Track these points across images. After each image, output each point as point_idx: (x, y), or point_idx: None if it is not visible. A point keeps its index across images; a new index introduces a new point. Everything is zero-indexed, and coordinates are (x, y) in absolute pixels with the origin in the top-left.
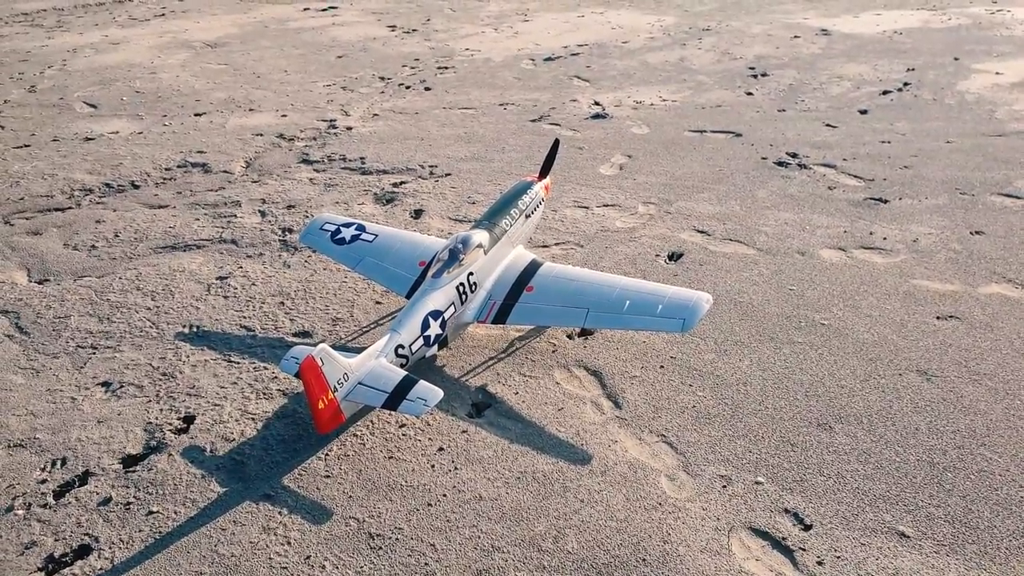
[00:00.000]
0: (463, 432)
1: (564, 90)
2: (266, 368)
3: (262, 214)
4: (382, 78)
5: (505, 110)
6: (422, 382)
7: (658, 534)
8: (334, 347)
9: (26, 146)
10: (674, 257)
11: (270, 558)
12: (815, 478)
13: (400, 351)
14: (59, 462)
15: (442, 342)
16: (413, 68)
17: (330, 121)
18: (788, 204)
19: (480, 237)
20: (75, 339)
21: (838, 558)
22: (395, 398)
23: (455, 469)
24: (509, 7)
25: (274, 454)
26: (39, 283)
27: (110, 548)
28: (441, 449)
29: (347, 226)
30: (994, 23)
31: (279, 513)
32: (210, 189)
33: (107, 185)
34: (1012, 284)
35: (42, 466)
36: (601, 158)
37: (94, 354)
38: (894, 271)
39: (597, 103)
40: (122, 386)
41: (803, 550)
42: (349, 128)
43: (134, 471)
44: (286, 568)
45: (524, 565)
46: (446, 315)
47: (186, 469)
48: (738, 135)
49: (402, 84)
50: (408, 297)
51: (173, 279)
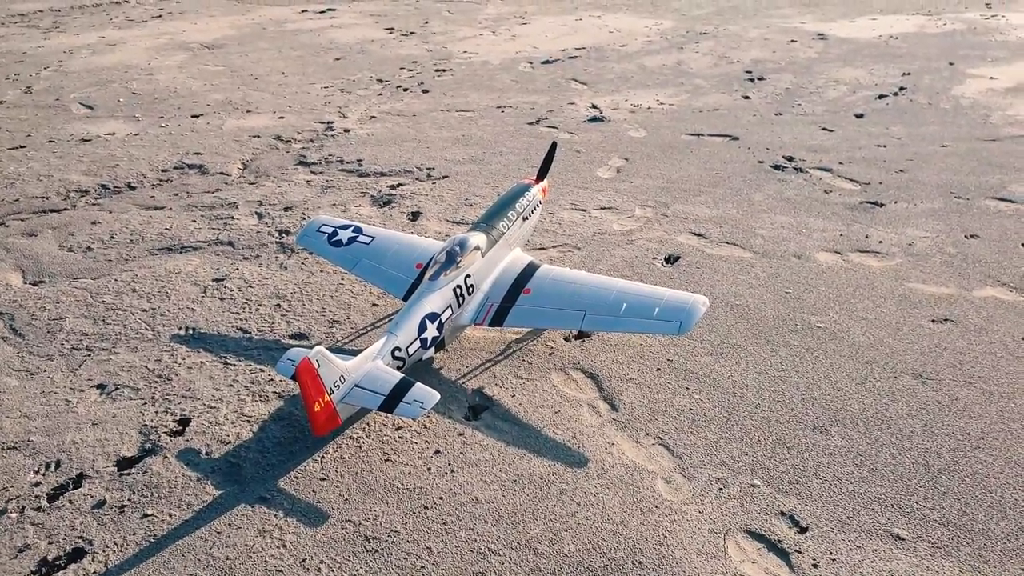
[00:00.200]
0: (460, 435)
1: (562, 93)
2: (262, 370)
3: (259, 216)
4: (380, 80)
5: (503, 113)
6: (419, 384)
7: (654, 537)
8: (331, 349)
9: (21, 147)
10: (671, 260)
11: (266, 561)
12: (811, 481)
13: (397, 353)
14: (53, 465)
15: (439, 344)
16: (411, 70)
17: (327, 123)
18: (784, 207)
19: (477, 239)
20: (70, 341)
21: (833, 560)
22: (392, 401)
23: (451, 472)
24: (507, 10)
25: (270, 457)
26: (34, 285)
27: (104, 551)
28: (437, 452)
29: (344, 228)
30: (989, 28)
31: (275, 516)
32: (207, 191)
33: (103, 186)
34: (1006, 287)
35: (36, 469)
36: (598, 161)
37: (89, 356)
38: (890, 274)
39: (594, 106)
40: (117, 388)
41: (799, 552)
42: (347, 130)
43: (129, 474)
44: (282, 571)
45: (520, 568)
46: (443, 317)
47: (181, 472)
48: (735, 139)
49: (400, 86)
50: (405, 299)
51: (169, 281)
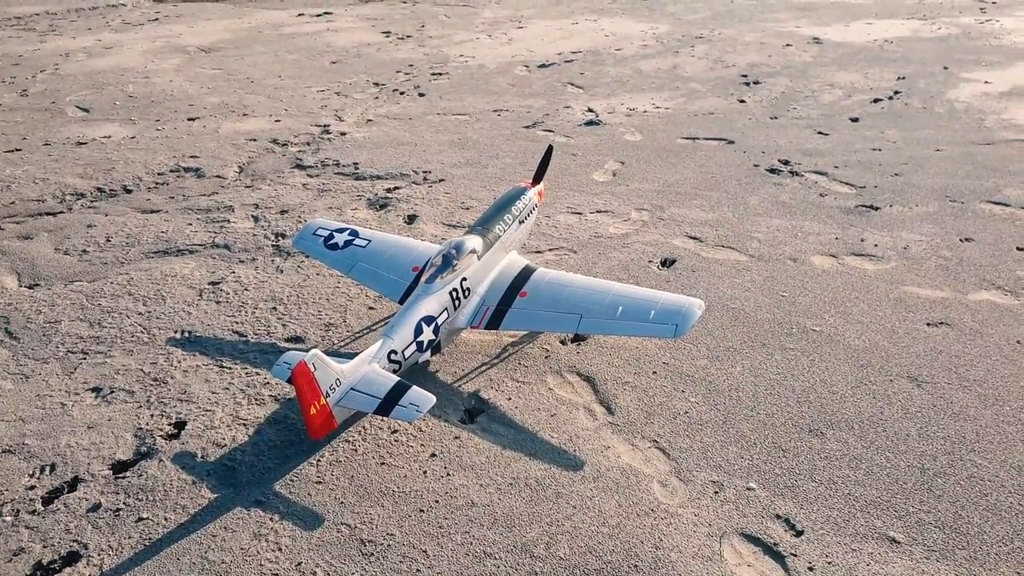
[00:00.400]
0: (456, 438)
1: (558, 97)
2: (258, 374)
3: (255, 219)
4: (376, 84)
5: (499, 116)
6: (415, 388)
7: (650, 540)
8: (327, 353)
9: (17, 150)
10: (667, 263)
11: (261, 565)
12: (806, 484)
13: (393, 357)
14: (48, 468)
15: (435, 348)
16: (407, 74)
17: (324, 126)
18: (780, 211)
19: (474, 243)
20: (65, 344)
21: (829, 564)
22: (387, 404)
23: (447, 475)
24: (503, 14)
25: (265, 460)
26: (29, 288)
27: (99, 555)
28: (433, 455)
29: (340, 231)
30: (983, 33)
31: (270, 519)
32: (203, 194)
33: (99, 190)
34: (1001, 291)
35: (31, 472)
36: (594, 165)
37: (84, 359)
38: (885, 278)
39: (591, 110)
40: (112, 391)
41: (794, 556)
42: (343, 133)
43: (124, 477)
44: (277, 575)
45: (516, 571)
46: (439, 321)
47: (177, 475)
48: (730, 142)
49: (396, 90)
50: (401, 303)
51: (165, 284)
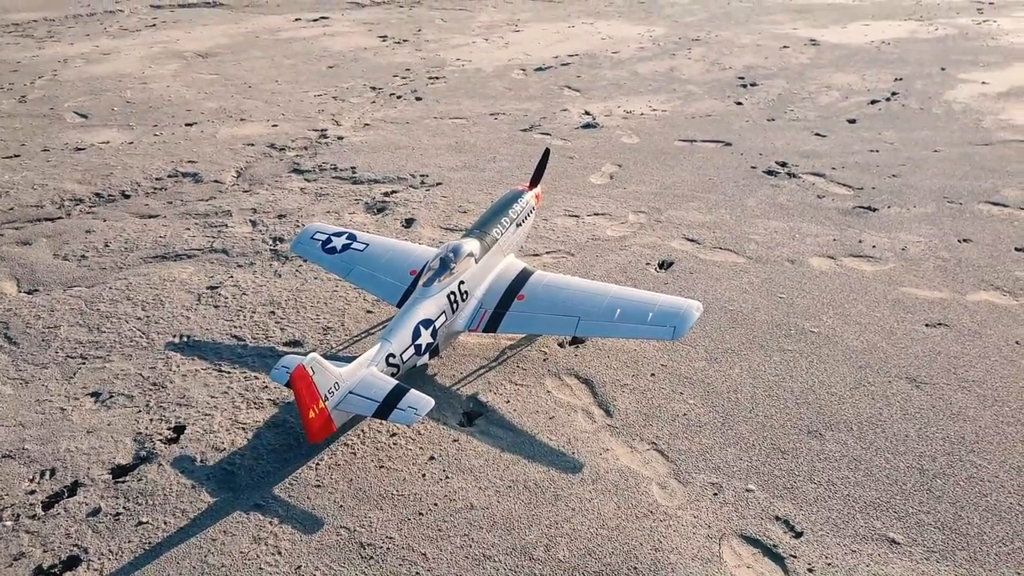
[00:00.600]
0: (454, 441)
1: (555, 100)
2: (257, 378)
3: (253, 224)
4: (373, 88)
5: (496, 120)
6: (413, 391)
7: (649, 542)
8: (325, 356)
9: (16, 156)
10: (664, 265)
11: (261, 568)
12: (806, 485)
13: (391, 360)
14: (48, 473)
15: (433, 351)
16: (404, 78)
17: (321, 131)
18: (778, 213)
19: (471, 246)
20: (64, 349)
21: (829, 565)
22: (386, 407)
23: (446, 478)
24: (500, 17)
25: (264, 464)
26: (28, 293)
27: (99, 559)
28: (432, 458)
29: (338, 235)
30: (980, 33)
31: (270, 523)
32: (201, 199)
33: (97, 195)
34: (1000, 291)
35: (31, 477)
36: (592, 167)
37: (84, 364)
38: (883, 279)
39: (587, 113)
40: (112, 396)
41: (794, 557)
42: (340, 138)
43: (124, 481)
44: None
45: (515, 574)
46: (437, 324)
47: (176, 479)
48: (728, 144)
49: (393, 94)
50: (399, 306)
51: (163, 289)
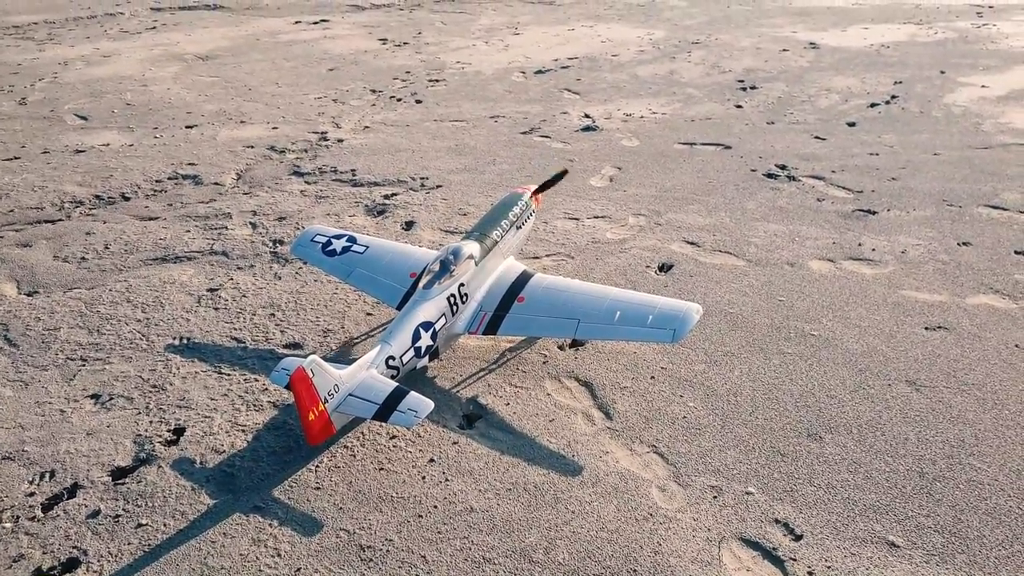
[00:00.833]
0: (454, 443)
1: (555, 103)
2: (256, 380)
3: (253, 226)
4: (373, 91)
5: (496, 122)
6: (413, 393)
7: (649, 544)
8: (325, 359)
9: (16, 158)
10: (664, 268)
11: (260, 570)
12: (805, 488)
13: (391, 362)
14: (48, 475)
15: (433, 353)
16: (404, 81)
17: (321, 133)
18: (777, 216)
19: (471, 248)
20: (64, 351)
21: (828, 568)
22: (386, 409)
23: (446, 480)
24: (500, 20)
25: (264, 466)
26: (28, 295)
27: (99, 561)
28: (432, 460)
29: (338, 238)
30: (980, 37)
31: (269, 525)
32: (201, 201)
33: (97, 197)
34: (999, 295)
35: (30, 479)
36: (591, 170)
37: (83, 366)
38: (883, 282)
39: (587, 116)
40: (112, 398)
41: (794, 560)
42: (340, 140)
43: (123, 483)
44: None
45: None
46: (437, 326)
47: (176, 481)
48: (728, 147)
49: (393, 97)
50: (399, 308)
51: (163, 291)
